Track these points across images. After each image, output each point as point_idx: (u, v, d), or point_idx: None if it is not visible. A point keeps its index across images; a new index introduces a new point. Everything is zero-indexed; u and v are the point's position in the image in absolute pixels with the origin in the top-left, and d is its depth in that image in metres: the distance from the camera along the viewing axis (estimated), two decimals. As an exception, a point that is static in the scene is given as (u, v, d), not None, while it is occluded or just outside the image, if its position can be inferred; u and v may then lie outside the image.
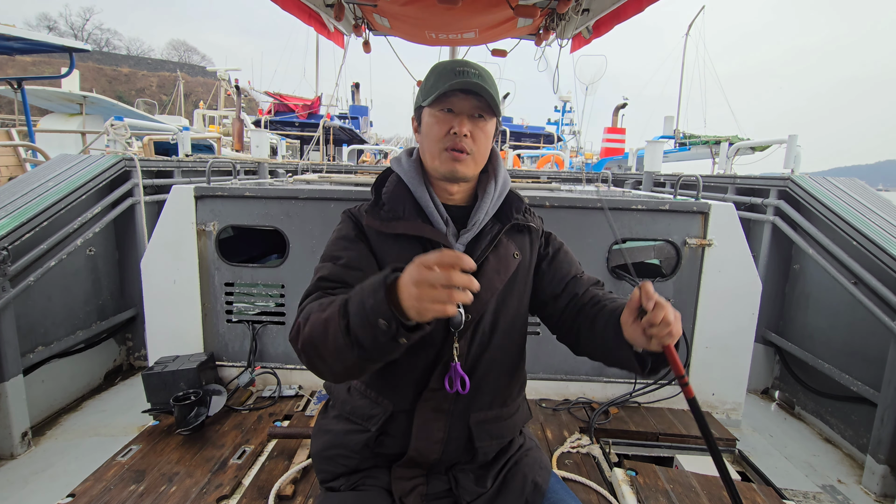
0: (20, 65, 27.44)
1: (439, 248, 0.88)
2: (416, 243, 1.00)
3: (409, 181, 1.05)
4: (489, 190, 1.07)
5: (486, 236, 1.05)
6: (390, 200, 1.04)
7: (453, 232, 1.04)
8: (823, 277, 2.65)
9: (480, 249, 1.03)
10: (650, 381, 2.29)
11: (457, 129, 0.97)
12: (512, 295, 1.08)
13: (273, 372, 2.35)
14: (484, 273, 1.01)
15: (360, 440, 1.03)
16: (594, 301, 1.05)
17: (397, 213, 1.02)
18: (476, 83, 0.95)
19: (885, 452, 2.04)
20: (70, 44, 6.34)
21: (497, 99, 1.00)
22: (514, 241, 1.08)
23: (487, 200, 1.06)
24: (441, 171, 1.02)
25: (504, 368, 1.09)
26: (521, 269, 1.08)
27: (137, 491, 1.57)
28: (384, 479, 1.03)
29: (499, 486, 1.04)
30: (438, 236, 1.00)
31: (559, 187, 3.08)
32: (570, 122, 23.72)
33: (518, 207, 1.10)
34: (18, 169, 4.59)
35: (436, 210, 1.03)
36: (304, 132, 13.98)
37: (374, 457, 1.04)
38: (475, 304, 1.00)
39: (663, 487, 1.67)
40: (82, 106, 9.70)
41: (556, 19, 3.29)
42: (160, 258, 2.28)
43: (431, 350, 1.01)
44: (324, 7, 3.21)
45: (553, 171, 7.58)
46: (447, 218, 1.04)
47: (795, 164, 3.39)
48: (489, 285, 1.02)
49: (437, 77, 1.00)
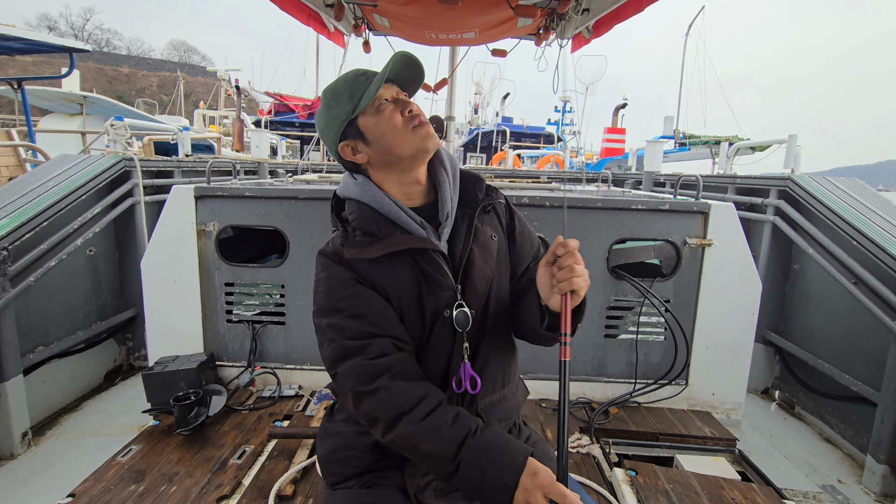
0: (20, 65, 27.45)
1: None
2: (405, 258, 0.98)
3: (369, 201, 1.01)
4: (442, 177, 1.05)
5: (461, 227, 1.04)
6: (361, 226, 0.99)
7: (433, 232, 1.02)
8: (823, 277, 2.65)
9: (462, 242, 1.02)
10: (650, 381, 2.29)
11: (409, 106, 1.00)
12: (500, 275, 1.08)
13: (273, 372, 2.35)
14: (474, 266, 1.01)
15: (369, 441, 1.03)
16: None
17: (374, 235, 0.98)
18: (395, 69, 1.00)
19: (886, 452, 2.04)
20: (70, 44, 6.34)
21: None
22: (488, 224, 1.08)
23: (447, 188, 1.05)
24: (418, 148, 0.99)
25: (503, 349, 1.10)
26: (500, 247, 1.08)
27: (137, 491, 1.57)
28: (396, 478, 1.03)
29: None
30: (423, 242, 0.98)
31: (559, 187, 3.08)
32: (571, 122, 23.72)
33: (479, 187, 1.09)
34: (18, 169, 4.60)
35: (409, 218, 1.00)
36: (304, 132, 13.97)
37: (385, 457, 1.04)
38: (475, 297, 1.00)
39: (663, 487, 1.67)
40: (82, 106, 9.70)
41: (556, 19, 3.29)
42: (160, 258, 2.28)
43: (444, 353, 1.01)
44: (324, 7, 3.21)
45: (553, 171, 7.58)
46: (421, 221, 1.01)
47: (795, 164, 3.38)
48: (482, 276, 1.02)
49: (349, 86, 0.99)
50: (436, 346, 1.00)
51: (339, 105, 0.99)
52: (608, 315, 2.33)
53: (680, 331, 2.21)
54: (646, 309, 2.25)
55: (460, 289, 1.00)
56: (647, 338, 2.33)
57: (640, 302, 2.26)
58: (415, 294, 0.98)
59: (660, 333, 2.33)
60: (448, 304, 0.99)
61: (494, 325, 1.06)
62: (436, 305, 0.99)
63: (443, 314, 0.99)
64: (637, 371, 2.32)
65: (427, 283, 0.98)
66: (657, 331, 2.34)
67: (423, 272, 0.98)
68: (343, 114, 0.99)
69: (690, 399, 2.34)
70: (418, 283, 0.98)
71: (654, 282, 2.26)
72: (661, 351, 2.33)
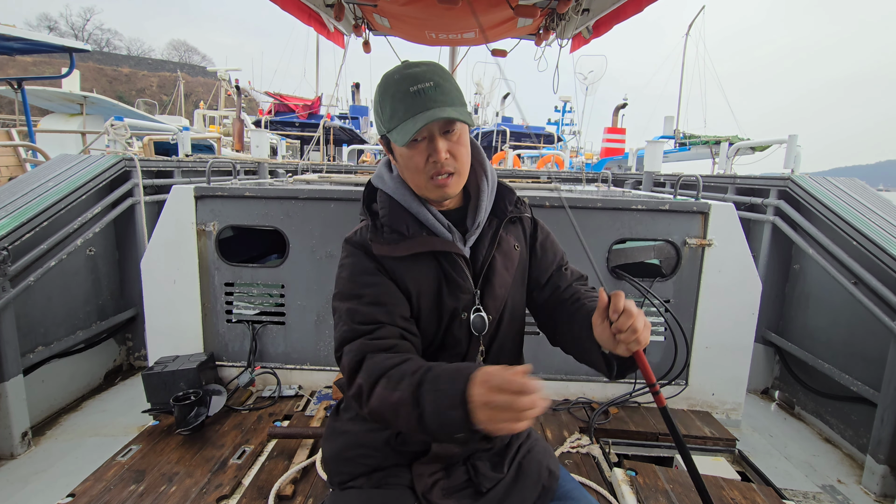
0: (21, 65, 27.46)
1: (504, 372, 0.75)
2: (429, 257, 1.01)
3: (400, 199, 1.03)
4: (483, 188, 1.07)
5: (486, 234, 1.06)
6: (390, 222, 1.01)
7: (458, 237, 1.04)
8: (823, 277, 2.65)
9: (485, 249, 1.04)
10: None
11: (435, 157, 0.94)
12: (520, 284, 1.11)
13: (273, 372, 2.35)
14: (496, 272, 1.03)
15: (381, 437, 1.03)
16: (574, 298, 1.07)
17: (402, 233, 1.00)
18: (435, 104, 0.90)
19: (885, 452, 2.04)
20: (70, 44, 6.34)
21: (460, 100, 0.96)
22: (512, 234, 1.10)
23: (484, 199, 1.06)
24: (431, 198, 1.01)
25: (512, 353, 1.12)
26: (521, 258, 1.10)
27: (137, 491, 1.57)
28: (406, 477, 1.03)
29: (515, 471, 1.06)
30: (448, 246, 1.00)
31: (559, 187, 3.08)
32: (571, 122, 23.73)
33: (510, 199, 1.10)
34: (18, 169, 4.60)
35: (437, 221, 1.02)
36: (305, 132, 13.98)
37: (396, 454, 1.04)
38: (494, 304, 1.03)
39: (663, 487, 1.67)
40: (83, 106, 9.71)
41: (555, 19, 3.30)
42: (160, 258, 2.28)
43: (458, 355, 1.03)
44: (324, 7, 3.21)
45: (553, 171, 7.58)
46: (449, 225, 1.03)
47: (795, 164, 3.39)
48: (502, 282, 1.04)
49: (394, 102, 0.92)
50: (451, 347, 1.02)
51: (382, 111, 0.96)
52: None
53: (680, 331, 2.22)
54: (646, 309, 2.26)
55: (479, 293, 1.02)
56: None
57: (640, 302, 2.26)
58: (435, 293, 1.00)
59: (660, 333, 2.33)
60: (466, 307, 1.01)
61: (507, 331, 1.08)
62: (454, 307, 1.00)
63: (460, 316, 1.01)
64: (637, 371, 2.32)
65: (448, 285, 1.00)
66: (657, 331, 2.34)
67: (444, 273, 1.00)
68: (380, 123, 0.99)
69: (690, 399, 2.34)
70: (439, 283, 1.00)
71: (654, 282, 2.27)
72: (660, 351, 2.33)
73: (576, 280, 1.15)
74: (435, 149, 0.94)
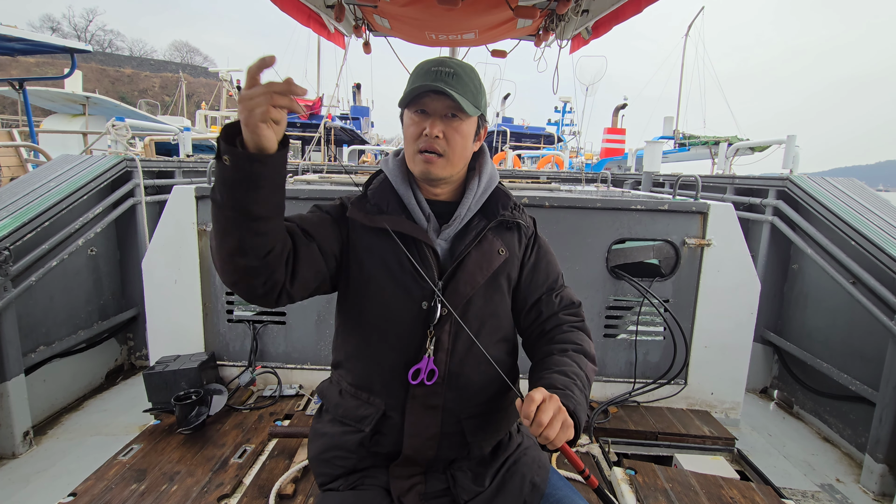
0: (24, 66, 27.50)
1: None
2: (396, 238, 1.01)
3: (393, 179, 1.07)
4: (472, 186, 1.09)
5: (471, 231, 1.06)
6: (375, 196, 1.06)
7: (434, 227, 1.05)
8: (822, 277, 2.66)
9: (464, 244, 1.04)
10: (649, 380, 2.30)
11: (428, 130, 0.98)
12: (498, 290, 1.08)
13: (274, 371, 2.36)
14: (465, 267, 1.03)
15: (355, 440, 1.03)
16: (550, 337, 1.09)
17: (381, 208, 1.04)
18: (444, 83, 0.95)
19: (884, 451, 2.05)
20: (71, 44, 6.36)
21: (474, 97, 1.00)
22: (502, 238, 1.09)
23: (470, 196, 1.08)
24: (415, 172, 1.04)
25: (487, 365, 1.07)
26: (508, 265, 1.09)
27: (139, 490, 1.58)
28: (383, 479, 1.03)
29: (497, 485, 1.03)
30: (417, 231, 1.01)
31: (559, 187, 3.09)
32: (571, 122, 23.74)
33: (504, 204, 1.11)
34: (20, 169, 4.62)
35: (417, 206, 1.05)
36: (305, 132, 13.98)
37: (371, 456, 1.04)
38: (454, 297, 1.01)
39: (662, 486, 1.68)
40: (85, 107, 9.75)
41: (555, 20, 3.30)
42: (161, 258, 2.29)
43: (412, 346, 1.02)
44: (324, 8, 3.22)
45: (553, 171, 7.58)
46: (429, 214, 1.05)
47: (794, 165, 3.39)
48: (470, 279, 1.03)
49: (415, 77, 1.00)
50: (405, 332, 1.02)
51: (406, 86, 1.01)
52: (607, 315, 2.34)
53: (679, 330, 2.22)
54: (645, 309, 2.26)
55: (441, 286, 1.01)
56: (646, 337, 2.34)
57: (639, 302, 2.27)
58: (394, 275, 1.01)
59: (659, 333, 2.34)
60: (426, 296, 1.01)
61: (486, 339, 1.05)
62: (412, 293, 1.01)
63: (419, 304, 1.01)
64: (636, 370, 2.33)
65: (409, 270, 1.01)
66: (656, 330, 2.35)
67: (408, 258, 1.01)
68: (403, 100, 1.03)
69: (689, 398, 2.34)
70: (401, 265, 1.01)
71: (653, 282, 2.27)
72: (660, 350, 2.34)
73: (564, 308, 1.13)
74: (431, 123, 0.99)
